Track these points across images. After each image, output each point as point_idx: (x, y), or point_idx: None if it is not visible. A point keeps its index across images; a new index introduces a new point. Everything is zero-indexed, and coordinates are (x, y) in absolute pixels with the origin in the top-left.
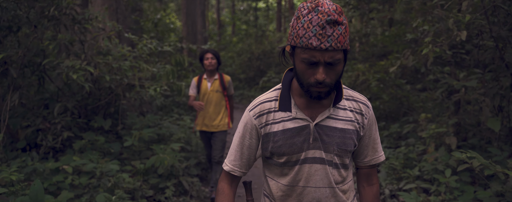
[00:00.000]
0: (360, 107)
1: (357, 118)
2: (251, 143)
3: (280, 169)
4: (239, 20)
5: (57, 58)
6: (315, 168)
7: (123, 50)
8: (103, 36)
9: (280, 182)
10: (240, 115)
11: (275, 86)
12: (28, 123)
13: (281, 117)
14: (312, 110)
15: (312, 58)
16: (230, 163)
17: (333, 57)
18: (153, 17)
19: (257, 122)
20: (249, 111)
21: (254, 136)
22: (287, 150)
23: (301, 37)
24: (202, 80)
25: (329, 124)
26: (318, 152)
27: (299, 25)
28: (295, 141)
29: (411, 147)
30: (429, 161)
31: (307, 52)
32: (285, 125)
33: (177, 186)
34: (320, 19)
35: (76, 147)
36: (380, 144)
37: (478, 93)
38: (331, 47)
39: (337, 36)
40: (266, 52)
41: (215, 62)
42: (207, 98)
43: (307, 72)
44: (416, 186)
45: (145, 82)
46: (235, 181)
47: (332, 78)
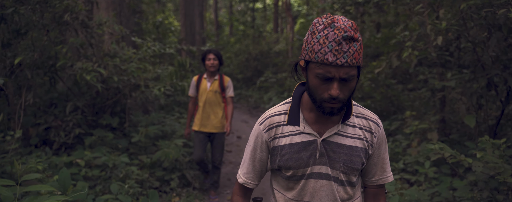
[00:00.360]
0: (370, 125)
1: (366, 136)
2: (262, 156)
3: (287, 182)
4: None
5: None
6: (320, 184)
7: (128, 52)
8: (113, 40)
9: (287, 195)
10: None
11: (286, 99)
12: (41, 121)
13: (290, 131)
14: (321, 125)
15: (327, 74)
16: (243, 176)
17: (348, 73)
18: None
19: (266, 136)
20: (259, 124)
21: (264, 149)
22: (293, 164)
23: (316, 53)
24: (202, 80)
25: (337, 141)
26: (324, 168)
27: (315, 40)
28: (302, 156)
29: (398, 142)
30: (413, 154)
31: (322, 68)
32: (292, 139)
33: (181, 178)
34: (337, 35)
35: (87, 143)
36: (389, 164)
37: (456, 93)
38: (346, 63)
39: (352, 53)
40: (263, 53)
41: (217, 63)
42: (206, 97)
43: (321, 87)
44: (400, 177)
45: (149, 82)
46: (248, 193)
47: (345, 94)
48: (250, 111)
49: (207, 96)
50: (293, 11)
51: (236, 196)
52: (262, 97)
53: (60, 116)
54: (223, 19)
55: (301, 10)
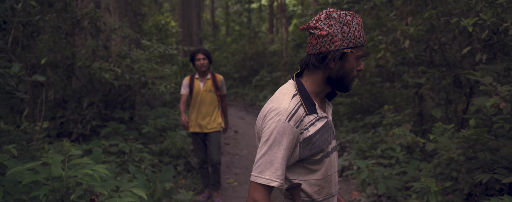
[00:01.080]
0: None
1: None
2: (292, 152)
3: (311, 167)
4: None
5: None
6: (334, 155)
7: (137, 53)
8: (125, 42)
9: (313, 178)
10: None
11: (284, 92)
12: (60, 114)
13: (311, 120)
14: (323, 107)
15: (363, 53)
16: (278, 178)
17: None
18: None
19: (298, 130)
20: (288, 121)
21: (295, 144)
22: (324, 146)
23: (359, 38)
24: (194, 80)
25: (331, 116)
26: (334, 141)
27: (352, 29)
28: (326, 137)
29: (377, 133)
30: (388, 142)
31: (362, 49)
32: (317, 125)
33: (186, 164)
34: (360, 21)
35: (103, 133)
36: None
37: (425, 88)
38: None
39: None
40: (259, 53)
41: (207, 63)
42: (200, 98)
43: (356, 67)
44: (376, 162)
45: (155, 80)
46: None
47: None
48: (246, 108)
49: (202, 97)
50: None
51: (266, 200)
52: (257, 95)
53: (76, 110)
54: (220, 20)
55: (297, 10)
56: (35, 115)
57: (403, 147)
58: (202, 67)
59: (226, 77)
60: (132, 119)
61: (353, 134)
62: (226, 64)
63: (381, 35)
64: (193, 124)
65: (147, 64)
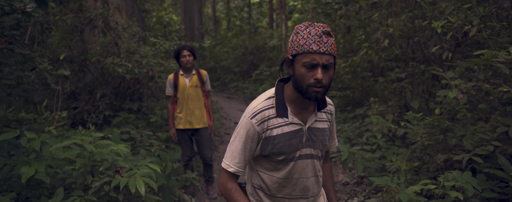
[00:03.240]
0: (329, 107)
1: (328, 118)
2: (251, 147)
3: (275, 165)
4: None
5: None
6: (306, 163)
7: (144, 49)
8: (134, 39)
9: (275, 175)
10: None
11: (265, 93)
12: (74, 105)
13: (279, 122)
14: (302, 115)
15: (313, 61)
16: (235, 165)
17: (328, 61)
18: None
19: (259, 128)
20: (250, 118)
21: (255, 140)
22: (286, 150)
23: (302, 45)
24: (179, 77)
25: (316, 126)
26: (309, 149)
27: (299, 37)
28: (292, 142)
29: (364, 122)
30: (373, 131)
31: (309, 56)
32: (283, 129)
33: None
34: (317, 31)
35: (114, 122)
36: (335, 133)
37: (405, 82)
38: (327, 51)
39: (330, 44)
40: (259, 48)
41: (192, 59)
42: (187, 94)
43: (307, 75)
44: (361, 148)
45: (162, 74)
46: (237, 179)
47: (326, 81)
48: (246, 101)
49: (188, 93)
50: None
51: (231, 183)
52: (257, 89)
53: (90, 101)
54: (221, 15)
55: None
56: (52, 105)
57: (385, 135)
58: (187, 63)
59: (227, 71)
60: (140, 110)
61: (343, 124)
62: (227, 59)
63: (364, 35)
64: (182, 121)
65: (154, 59)
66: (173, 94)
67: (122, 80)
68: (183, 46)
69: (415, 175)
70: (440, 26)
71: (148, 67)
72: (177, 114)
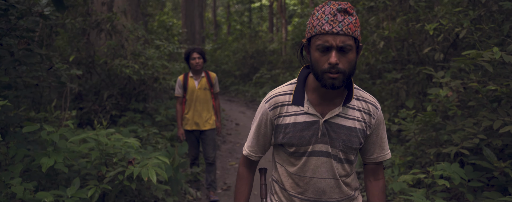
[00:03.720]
0: (369, 107)
1: (364, 118)
2: (266, 132)
3: (289, 158)
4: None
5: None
6: (321, 161)
7: (149, 52)
8: (140, 42)
9: (289, 169)
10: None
11: (291, 80)
12: (82, 105)
13: (294, 111)
14: (323, 106)
15: (325, 43)
16: (247, 149)
17: (344, 42)
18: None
19: (271, 114)
20: (265, 103)
21: (268, 125)
22: (296, 142)
23: (315, 26)
24: (189, 79)
25: (338, 122)
26: (325, 147)
27: (314, 18)
28: (304, 134)
29: None
30: None
31: (321, 38)
32: (296, 118)
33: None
34: (332, 9)
35: (121, 121)
36: (387, 143)
37: (400, 83)
38: (342, 31)
39: (347, 23)
40: (259, 51)
41: (201, 62)
42: (196, 96)
43: (321, 59)
44: None
45: (166, 76)
46: (253, 165)
47: (344, 65)
48: (247, 104)
49: (197, 95)
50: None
51: (242, 167)
52: (257, 92)
53: (97, 102)
54: (221, 19)
55: (297, 9)
56: (60, 105)
57: None
58: (197, 66)
59: (228, 74)
60: (145, 110)
61: None
62: (227, 62)
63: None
64: (189, 122)
65: (159, 61)
66: (182, 96)
67: (128, 82)
68: (193, 48)
69: (408, 169)
70: (432, 29)
71: (153, 69)
72: (185, 114)
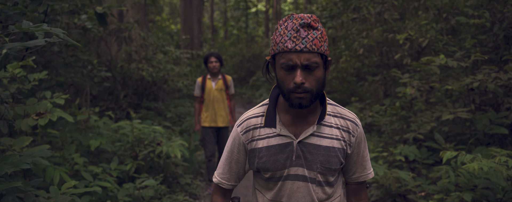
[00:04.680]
0: (348, 124)
1: (343, 136)
2: (239, 158)
3: (266, 183)
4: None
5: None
6: (297, 185)
7: (159, 56)
8: (152, 48)
9: (266, 196)
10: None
11: (263, 101)
12: (100, 104)
13: (266, 133)
14: (297, 126)
15: (289, 62)
16: (218, 176)
17: (309, 60)
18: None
19: (244, 138)
20: (237, 127)
21: (241, 151)
22: (271, 166)
23: (278, 43)
24: (206, 81)
25: (313, 142)
26: (301, 170)
27: (277, 34)
28: (279, 158)
29: None
30: None
31: (285, 56)
32: (269, 142)
33: (201, 140)
34: (295, 24)
35: (135, 118)
36: (369, 161)
37: (378, 84)
38: (306, 48)
39: (312, 39)
40: (255, 55)
41: (218, 65)
42: (213, 96)
43: (287, 78)
44: None
45: (174, 78)
46: (227, 193)
47: (311, 84)
48: (244, 105)
49: (214, 95)
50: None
51: (215, 196)
52: (254, 94)
53: (113, 100)
54: (218, 24)
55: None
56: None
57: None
58: (214, 69)
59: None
60: (156, 108)
61: None
62: (225, 66)
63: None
64: (208, 119)
65: (168, 65)
66: (200, 96)
67: (140, 83)
68: (211, 53)
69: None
70: (402, 38)
71: (164, 71)
72: (204, 112)
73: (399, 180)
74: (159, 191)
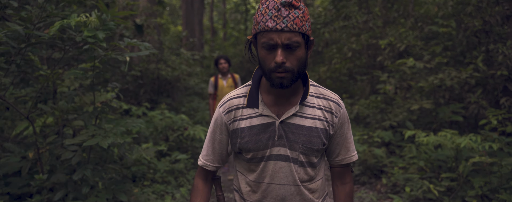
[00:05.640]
0: (330, 105)
1: (326, 116)
2: (221, 138)
3: (248, 165)
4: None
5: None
6: (279, 165)
7: (173, 58)
8: (167, 50)
9: (248, 177)
10: None
11: (247, 82)
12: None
13: (249, 114)
14: (280, 107)
15: (270, 41)
16: (202, 158)
17: (290, 39)
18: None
19: (226, 118)
20: (219, 107)
21: (224, 131)
22: (253, 147)
23: (259, 23)
24: (218, 80)
25: (295, 122)
26: (283, 149)
27: (258, 13)
28: (261, 138)
29: None
30: None
31: (266, 36)
32: (251, 122)
33: None
34: (276, 3)
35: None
36: (352, 143)
37: (365, 82)
38: (287, 28)
39: (293, 18)
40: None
41: (227, 66)
42: (224, 92)
43: (267, 57)
44: None
45: (186, 77)
46: (209, 175)
47: (292, 63)
48: None
49: (225, 91)
50: None
51: (197, 179)
52: None
53: (133, 96)
54: (218, 25)
55: None
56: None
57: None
58: (223, 69)
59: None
60: (171, 103)
61: None
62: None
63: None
64: None
65: (182, 66)
66: (213, 93)
67: (156, 81)
68: (221, 56)
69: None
70: (384, 44)
71: (179, 71)
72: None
73: (376, 156)
74: (188, 165)
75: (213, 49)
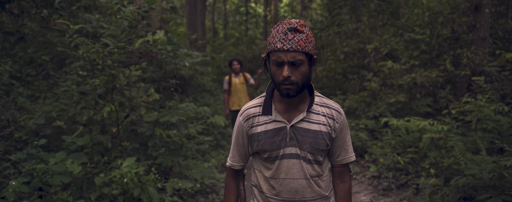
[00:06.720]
0: (332, 113)
1: (329, 122)
2: (243, 142)
3: (264, 163)
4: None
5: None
6: (292, 162)
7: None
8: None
9: (265, 174)
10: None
11: (260, 95)
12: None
13: (264, 120)
14: (290, 113)
15: (278, 59)
16: (230, 160)
17: (295, 58)
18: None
19: (245, 125)
20: (239, 116)
21: (245, 136)
22: (268, 147)
23: (270, 44)
24: (232, 78)
25: (303, 126)
26: (294, 149)
27: (271, 35)
28: (275, 140)
29: None
30: None
31: (275, 54)
32: (266, 127)
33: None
34: (284, 28)
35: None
36: (351, 146)
37: (355, 81)
38: (292, 48)
39: (297, 41)
40: (255, 56)
41: (239, 67)
42: (237, 88)
43: (277, 72)
44: None
45: (199, 76)
46: (238, 174)
47: (297, 77)
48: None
49: (238, 88)
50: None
51: (228, 178)
52: (255, 91)
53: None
54: (219, 26)
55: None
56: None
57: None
58: (236, 69)
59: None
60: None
61: None
62: (226, 66)
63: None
64: (235, 104)
65: (196, 66)
66: (228, 89)
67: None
68: (234, 58)
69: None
70: (370, 48)
71: (193, 70)
72: (232, 99)
73: (361, 139)
74: (211, 146)
75: (215, 50)
